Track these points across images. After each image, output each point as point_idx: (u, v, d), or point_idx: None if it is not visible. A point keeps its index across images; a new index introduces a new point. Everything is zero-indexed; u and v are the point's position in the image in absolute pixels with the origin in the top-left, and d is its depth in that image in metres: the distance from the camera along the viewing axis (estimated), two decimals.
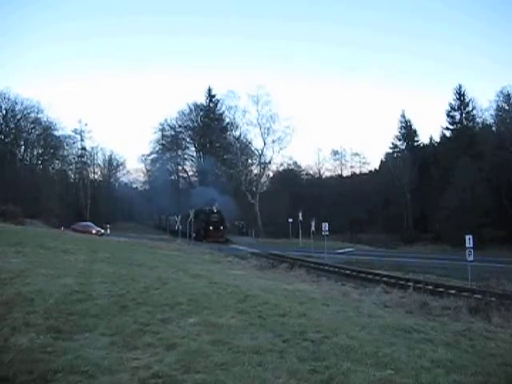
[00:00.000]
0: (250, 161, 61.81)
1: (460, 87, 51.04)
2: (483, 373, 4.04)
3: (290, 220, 35.17)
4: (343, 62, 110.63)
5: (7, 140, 50.61)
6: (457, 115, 52.20)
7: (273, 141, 57.40)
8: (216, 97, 61.37)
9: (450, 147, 48.32)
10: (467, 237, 13.48)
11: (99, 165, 69.59)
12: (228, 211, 42.41)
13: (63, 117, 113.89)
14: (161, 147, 65.21)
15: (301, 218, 29.72)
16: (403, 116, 58.97)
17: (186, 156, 65.32)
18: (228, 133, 62.53)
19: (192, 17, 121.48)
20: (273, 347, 4.45)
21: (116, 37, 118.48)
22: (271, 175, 65.48)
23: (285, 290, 9.43)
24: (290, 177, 63.36)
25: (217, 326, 5.18)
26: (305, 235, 31.45)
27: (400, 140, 59.66)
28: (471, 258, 13.19)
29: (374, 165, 66.49)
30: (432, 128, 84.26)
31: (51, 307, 5.51)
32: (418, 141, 59.15)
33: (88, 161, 64.29)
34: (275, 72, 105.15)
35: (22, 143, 52.51)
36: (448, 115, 52.41)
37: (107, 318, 5.21)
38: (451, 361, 4.35)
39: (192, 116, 62.94)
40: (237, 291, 8.20)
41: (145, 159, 69.38)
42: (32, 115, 50.70)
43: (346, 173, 66.72)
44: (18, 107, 49.53)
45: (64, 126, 57.11)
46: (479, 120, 51.26)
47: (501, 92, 45.97)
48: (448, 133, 53.10)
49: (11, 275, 7.57)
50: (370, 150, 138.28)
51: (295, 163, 65.08)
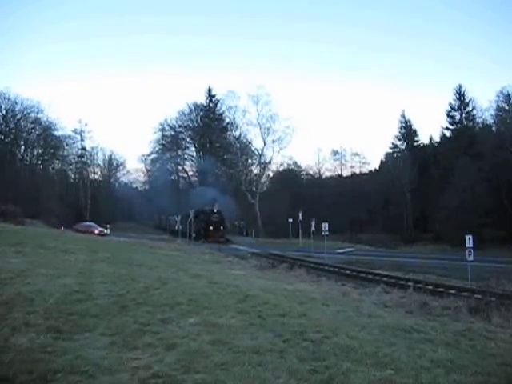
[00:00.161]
0: (250, 161, 61.87)
1: (460, 87, 51.16)
2: (483, 373, 4.04)
3: (290, 220, 35.16)
4: (343, 62, 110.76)
5: (7, 140, 50.58)
6: (457, 115, 52.24)
7: (273, 141, 57.51)
8: (216, 97, 61.46)
9: (450, 147, 48.31)
10: (467, 237, 13.48)
11: (99, 165, 69.73)
12: (228, 211, 42.41)
13: (63, 117, 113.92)
14: (161, 147, 65.23)
15: (301, 218, 29.72)
16: (403, 116, 59.12)
17: (186, 156, 65.40)
18: (228, 133, 62.54)
19: (192, 17, 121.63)
20: (273, 347, 4.45)
21: (116, 37, 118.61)
22: (271, 175, 65.63)
23: (285, 290, 9.43)
24: (290, 177, 63.35)
25: (217, 326, 5.18)
26: (305, 235, 31.45)
27: (400, 140, 59.72)
28: (471, 258, 13.19)
29: (374, 165, 66.69)
30: (432, 128, 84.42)
31: (51, 307, 5.51)
32: (418, 141, 59.27)
33: (88, 161, 64.32)
34: (275, 72, 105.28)
35: (22, 143, 52.49)
36: (448, 115, 52.49)
37: (107, 318, 5.21)
38: (451, 361, 4.34)
39: (192, 116, 63.01)
40: (237, 291, 8.20)
41: (145, 159, 69.55)
42: (32, 115, 50.75)
43: (346, 173, 66.87)
44: (18, 107, 49.60)
45: (64, 126, 57.21)
46: (479, 120, 51.36)
47: (501, 92, 46.06)
48: (448, 133, 53.17)
49: (11, 275, 7.57)
50: (370, 150, 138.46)
51: (295, 163, 65.25)
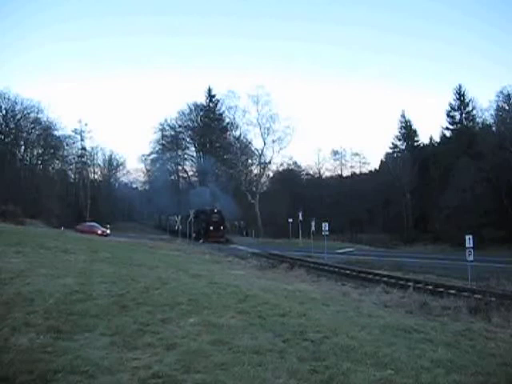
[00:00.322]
0: (250, 161, 61.91)
1: (460, 87, 51.23)
2: (483, 373, 4.04)
3: (290, 220, 35.14)
4: (343, 62, 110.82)
5: (7, 140, 50.52)
6: (457, 115, 52.29)
7: (273, 141, 57.57)
8: (216, 97, 61.46)
9: (450, 147, 48.32)
10: (467, 237, 13.48)
11: (99, 165, 69.77)
12: (228, 211, 42.41)
13: (63, 117, 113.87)
14: (161, 147, 65.22)
15: (301, 218, 29.69)
16: (403, 116, 59.22)
17: (186, 156, 65.38)
18: (228, 133, 62.58)
19: (192, 17, 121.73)
20: (273, 347, 4.45)
21: (116, 37, 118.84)
22: (271, 175, 65.67)
23: (285, 290, 9.43)
24: (290, 177, 63.36)
25: (217, 326, 5.17)
26: (305, 235, 31.45)
27: (400, 140, 59.77)
28: (471, 258, 13.18)
29: (374, 165, 66.71)
30: (432, 128, 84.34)
31: (51, 307, 5.51)
32: (418, 141, 59.34)
33: (88, 161, 64.27)
34: (275, 72, 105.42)
35: (22, 143, 52.42)
36: (448, 115, 52.55)
37: (107, 318, 5.21)
38: (451, 361, 4.34)
39: (192, 116, 62.99)
40: (237, 291, 8.20)
41: (145, 159, 69.56)
42: (32, 115, 50.66)
43: (346, 173, 66.74)
44: (18, 107, 49.51)
45: (64, 126, 57.17)
46: (479, 120, 51.36)
47: (501, 92, 46.01)
48: (448, 133, 53.23)
49: (11, 275, 7.57)
50: (370, 150, 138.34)
51: (295, 163, 65.27)
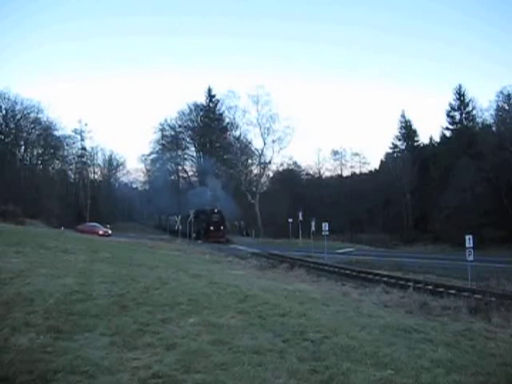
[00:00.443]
0: (250, 161, 61.92)
1: (460, 87, 51.22)
2: (483, 373, 4.04)
3: (290, 220, 35.14)
4: (343, 62, 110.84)
5: (7, 140, 50.49)
6: (457, 115, 52.27)
7: (273, 141, 57.58)
8: (216, 97, 61.45)
9: (450, 147, 48.31)
10: (467, 237, 13.47)
11: (99, 165, 69.72)
12: (228, 211, 42.41)
13: (63, 117, 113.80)
14: (161, 147, 65.23)
15: (301, 218, 29.69)
16: (403, 116, 59.23)
17: (186, 156, 65.37)
18: (228, 133, 62.58)
19: (192, 17, 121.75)
20: (273, 347, 4.45)
21: (116, 37, 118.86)
22: (271, 175, 65.66)
23: (285, 290, 9.43)
24: (290, 177, 63.34)
25: (217, 326, 5.17)
26: (305, 235, 31.44)
27: (400, 140, 59.78)
28: (471, 258, 13.18)
29: (374, 165, 66.69)
30: (432, 128, 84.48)
31: (51, 307, 5.51)
32: (418, 141, 59.34)
33: (88, 161, 64.20)
34: (275, 72, 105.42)
35: (22, 143, 52.38)
36: (448, 115, 52.54)
37: (107, 318, 5.21)
38: (451, 361, 4.34)
39: (192, 116, 62.99)
40: (237, 291, 8.21)
41: (145, 159, 69.58)
42: (32, 115, 50.63)
43: (346, 173, 66.73)
44: (18, 107, 49.48)
45: (64, 126, 57.11)
46: (479, 120, 51.34)
47: (501, 92, 46.00)
48: (448, 133, 53.21)
49: (11, 275, 7.57)
50: (370, 150, 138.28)
51: (295, 163, 65.26)
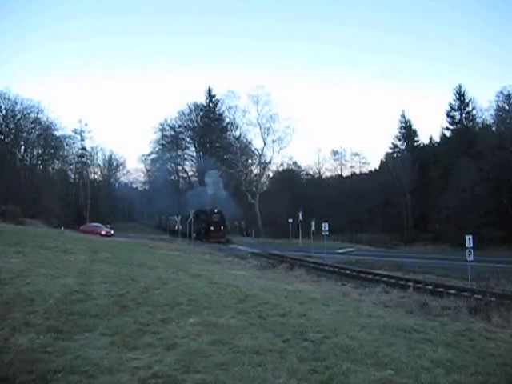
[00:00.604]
0: (250, 161, 61.92)
1: (460, 87, 51.14)
2: (483, 373, 4.04)
3: (290, 220, 35.12)
4: (343, 62, 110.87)
5: (7, 140, 50.47)
6: (457, 115, 52.22)
7: (273, 141, 57.61)
8: (216, 97, 61.44)
9: (450, 147, 48.29)
10: (467, 237, 13.46)
11: (99, 165, 69.66)
12: (228, 211, 42.40)
13: (63, 117, 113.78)
14: (161, 147, 65.21)
15: (301, 218, 29.67)
16: (403, 116, 59.19)
17: (186, 156, 65.36)
18: (228, 133, 62.59)
19: (192, 17, 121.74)
20: (273, 347, 4.45)
21: (116, 37, 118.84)
22: (271, 175, 65.64)
23: (285, 290, 9.43)
24: (290, 177, 63.31)
25: (217, 326, 5.18)
26: (305, 235, 31.42)
27: (400, 140, 59.77)
28: (471, 258, 13.17)
29: (374, 165, 66.67)
30: (432, 128, 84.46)
31: (51, 307, 5.51)
32: (418, 141, 59.30)
33: (88, 161, 64.10)
34: (275, 72, 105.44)
35: (22, 143, 52.37)
36: (448, 115, 52.48)
37: (107, 318, 5.21)
38: (451, 361, 4.35)
39: (192, 116, 62.99)
40: (237, 291, 8.21)
41: (145, 159, 69.55)
42: (32, 115, 50.62)
43: (346, 173, 66.80)
44: (18, 107, 49.45)
45: (64, 126, 57.10)
46: (479, 120, 51.29)
47: (501, 92, 45.94)
48: (448, 133, 53.15)
49: (11, 275, 7.57)
50: (370, 150, 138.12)
51: (295, 163, 65.22)
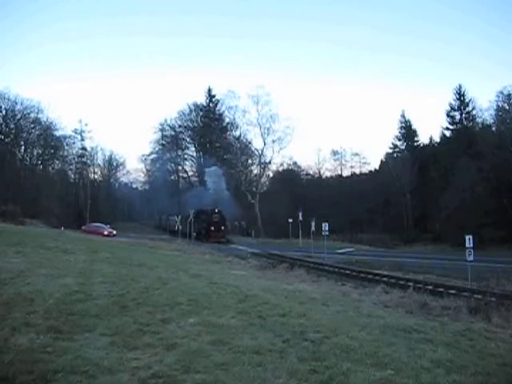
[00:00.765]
0: (250, 161, 61.94)
1: (460, 87, 51.14)
2: (483, 373, 4.04)
3: (290, 220, 35.11)
4: (343, 62, 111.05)
5: (7, 140, 50.42)
6: (457, 115, 52.22)
7: (273, 141, 57.60)
8: (216, 97, 61.49)
9: (450, 147, 48.28)
10: (467, 237, 13.45)
11: (99, 165, 69.73)
12: (228, 211, 42.41)
13: (63, 117, 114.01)
14: (161, 147, 65.23)
15: (301, 218, 29.66)
16: (403, 116, 59.24)
17: (186, 156, 65.41)
18: (228, 133, 62.61)
19: (192, 17, 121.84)
20: (273, 347, 4.45)
21: (116, 37, 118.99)
22: (271, 175, 65.65)
23: (285, 290, 9.43)
24: (290, 177, 63.31)
25: (217, 326, 5.18)
26: (305, 235, 31.42)
27: (400, 140, 59.80)
28: (471, 258, 13.17)
29: (374, 165, 66.69)
30: (432, 128, 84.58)
31: (51, 307, 5.51)
32: (418, 141, 59.35)
33: (88, 161, 64.06)
34: (275, 72, 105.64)
35: (22, 143, 52.32)
36: (448, 115, 52.47)
37: (107, 318, 5.21)
38: (451, 361, 4.35)
39: (192, 116, 63.03)
40: (237, 291, 8.21)
41: (145, 159, 69.58)
42: (32, 115, 50.57)
43: (346, 173, 66.79)
44: (18, 107, 49.39)
45: (64, 126, 57.05)
46: (479, 120, 51.29)
47: (501, 92, 45.88)
48: (448, 133, 53.16)
49: (11, 275, 7.57)
50: (370, 150, 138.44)
51: (295, 163, 65.23)
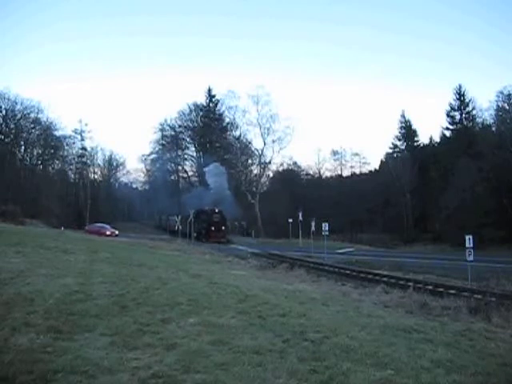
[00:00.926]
0: (250, 161, 61.93)
1: (460, 87, 51.14)
2: (483, 373, 4.04)
3: (290, 220, 35.10)
4: (343, 62, 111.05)
5: (7, 140, 50.40)
6: (457, 115, 52.21)
7: (273, 141, 57.56)
8: (216, 97, 61.46)
9: (450, 147, 48.28)
10: (467, 237, 13.45)
11: (99, 165, 69.77)
12: (228, 211, 42.40)
13: (63, 117, 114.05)
14: (161, 147, 65.23)
15: (301, 218, 29.65)
16: (403, 116, 59.25)
17: (186, 156, 65.39)
18: (228, 133, 62.59)
19: (192, 17, 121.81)
20: (273, 347, 4.45)
21: (116, 37, 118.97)
22: (271, 175, 65.67)
23: (285, 290, 9.43)
24: (290, 177, 63.31)
25: (217, 326, 5.18)
26: (305, 235, 31.41)
27: (400, 140, 59.80)
28: (471, 258, 13.17)
29: (374, 165, 66.71)
30: (432, 128, 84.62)
31: (51, 307, 5.51)
32: (418, 141, 59.36)
33: (88, 161, 64.05)
34: (275, 72, 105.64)
35: (22, 143, 52.31)
36: (448, 115, 52.47)
37: (107, 318, 5.21)
38: (451, 361, 4.35)
39: (192, 116, 63.01)
40: (237, 291, 8.20)
41: (145, 159, 69.59)
42: (32, 115, 50.54)
43: (346, 173, 66.81)
44: (18, 107, 49.36)
45: (64, 126, 57.05)
46: (479, 120, 51.29)
47: (501, 92, 45.89)
48: (448, 133, 53.16)
49: (11, 275, 7.57)
50: (370, 150, 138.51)
51: (295, 163, 65.24)
